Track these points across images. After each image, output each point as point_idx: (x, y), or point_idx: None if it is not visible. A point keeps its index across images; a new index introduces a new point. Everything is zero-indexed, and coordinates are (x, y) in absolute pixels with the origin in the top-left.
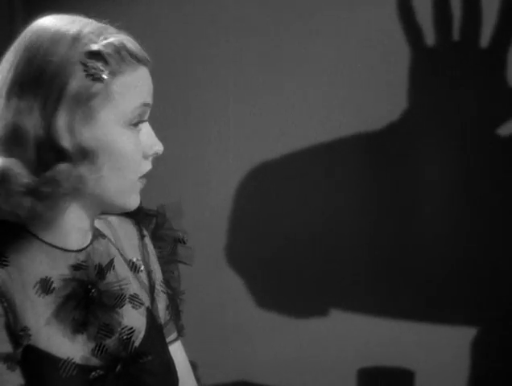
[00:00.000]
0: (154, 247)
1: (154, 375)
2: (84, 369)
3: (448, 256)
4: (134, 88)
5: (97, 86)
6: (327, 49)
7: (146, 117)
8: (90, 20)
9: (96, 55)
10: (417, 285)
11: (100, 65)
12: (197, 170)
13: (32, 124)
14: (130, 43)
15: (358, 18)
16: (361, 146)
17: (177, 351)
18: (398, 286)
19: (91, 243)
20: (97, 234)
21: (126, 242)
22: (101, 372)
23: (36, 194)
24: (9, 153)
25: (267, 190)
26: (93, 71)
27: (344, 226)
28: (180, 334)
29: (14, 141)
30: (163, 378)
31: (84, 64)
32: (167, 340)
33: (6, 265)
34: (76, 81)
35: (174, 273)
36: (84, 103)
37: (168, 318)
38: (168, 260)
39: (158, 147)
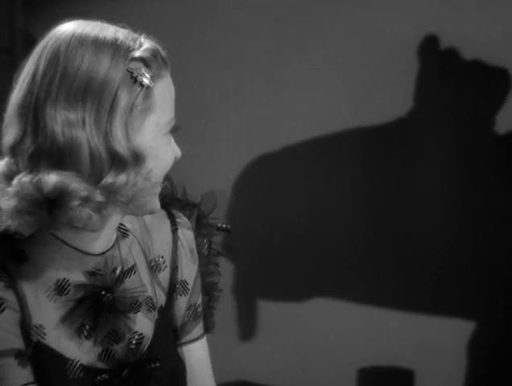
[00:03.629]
0: (197, 237)
1: (160, 380)
2: (90, 372)
3: (448, 255)
4: (169, 92)
5: (144, 92)
6: (328, 48)
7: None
8: (111, 25)
9: (139, 61)
10: (417, 285)
11: (144, 71)
12: (197, 167)
13: (86, 136)
14: (159, 46)
15: (361, 16)
16: (360, 142)
17: (198, 350)
18: (398, 287)
19: (113, 245)
20: (121, 233)
21: (156, 236)
22: (107, 377)
23: (94, 205)
24: (62, 166)
25: (266, 186)
26: (140, 78)
27: (345, 226)
28: (209, 331)
29: (69, 153)
30: (169, 383)
31: (130, 72)
32: (187, 339)
33: (24, 262)
34: (126, 90)
35: (214, 267)
36: (135, 110)
37: (188, 319)
38: (209, 252)
39: (179, 153)
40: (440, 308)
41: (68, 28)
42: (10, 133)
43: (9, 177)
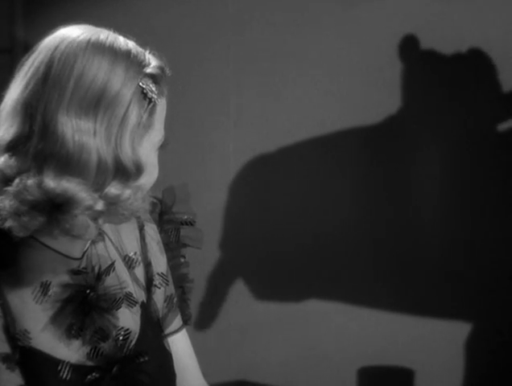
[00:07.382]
0: (161, 232)
1: (149, 374)
2: (81, 371)
3: (447, 255)
4: (165, 109)
5: (150, 109)
6: (328, 46)
7: None
8: (117, 34)
9: (150, 77)
10: (416, 285)
11: (153, 88)
12: (197, 166)
13: (96, 145)
14: (163, 62)
15: (359, 16)
16: (359, 142)
17: (180, 342)
18: (397, 286)
19: (90, 245)
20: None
21: (125, 235)
22: (97, 375)
23: (93, 213)
24: (68, 171)
25: (267, 186)
26: (150, 94)
27: (343, 225)
28: (187, 323)
29: (77, 160)
30: (159, 376)
31: (142, 87)
32: (169, 331)
33: (7, 267)
34: (136, 104)
35: (182, 259)
36: (140, 125)
37: (166, 311)
38: (176, 246)
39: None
40: (440, 308)
41: (82, 33)
42: (8, 130)
43: (5, 175)
